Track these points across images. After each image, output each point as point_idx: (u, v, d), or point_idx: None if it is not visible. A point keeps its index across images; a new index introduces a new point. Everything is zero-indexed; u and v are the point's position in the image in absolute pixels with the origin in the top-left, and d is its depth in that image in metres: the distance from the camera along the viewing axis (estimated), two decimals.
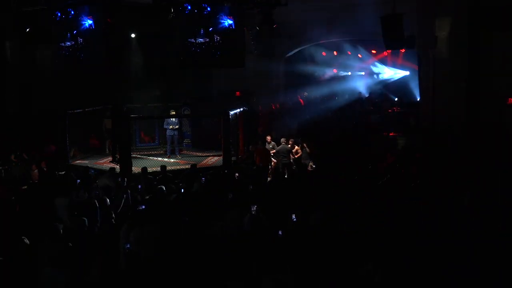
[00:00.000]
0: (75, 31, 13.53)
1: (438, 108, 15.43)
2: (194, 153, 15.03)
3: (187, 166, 11.74)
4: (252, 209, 7.81)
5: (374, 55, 22.89)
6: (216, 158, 13.82)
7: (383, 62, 23.20)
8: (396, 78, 22.87)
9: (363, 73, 23.89)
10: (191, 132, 16.20)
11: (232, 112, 13.28)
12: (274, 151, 13.71)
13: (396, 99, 21.39)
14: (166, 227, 7.04)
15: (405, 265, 6.02)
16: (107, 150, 15.01)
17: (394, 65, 22.90)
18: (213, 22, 13.50)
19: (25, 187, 10.65)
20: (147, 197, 9.47)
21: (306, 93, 22.57)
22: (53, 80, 16.20)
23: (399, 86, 22.07)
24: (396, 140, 15.70)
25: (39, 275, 5.82)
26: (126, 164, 12.09)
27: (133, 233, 6.86)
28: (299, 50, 21.57)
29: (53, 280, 5.64)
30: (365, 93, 22.82)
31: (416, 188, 9.51)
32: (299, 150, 13.78)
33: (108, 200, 8.73)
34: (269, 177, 12.52)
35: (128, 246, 6.71)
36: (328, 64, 23.59)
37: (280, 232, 7.18)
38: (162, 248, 6.52)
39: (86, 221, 7.51)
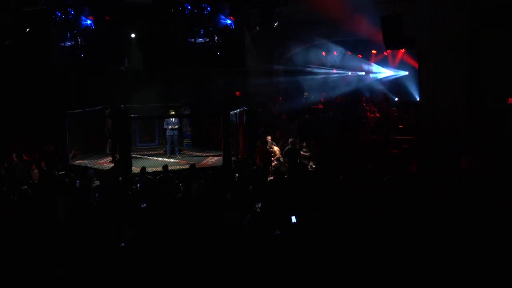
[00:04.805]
0: (75, 31, 13.53)
1: (438, 108, 15.41)
2: (194, 153, 15.02)
3: (187, 166, 11.73)
4: (257, 206, 7.82)
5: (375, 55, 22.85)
6: (216, 158, 13.81)
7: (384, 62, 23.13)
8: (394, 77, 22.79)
9: (363, 73, 23.83)
10: (191, 132, 16.19)
11: (232, 112, 13.27)
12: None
13: (396, 99, 21.36)
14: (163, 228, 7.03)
15: (407, 265, 6.02)
16: (107, 150, 15.00)
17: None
18: (213, 22, 13.52)
19: (25, 187, 10.63)
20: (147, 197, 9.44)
21: (306, 93, 22.52)
22: (54, 80, 16.18)
23: (398, 85, 22.01)
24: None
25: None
26: (126, 164, 12.08)
27: (129, 232, 6.86)
28: (299, 50, 21.55)
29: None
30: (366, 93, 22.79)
31: (416, 188, 9.49)
32: (277, 152, 13.52)
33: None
34: (270, 177, 12.49)
35: (123, 244, 6.71)
36: (328, 64, 23.55)
37: (278, 232, 7.15)
38: (158, 247, 6.49)
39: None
